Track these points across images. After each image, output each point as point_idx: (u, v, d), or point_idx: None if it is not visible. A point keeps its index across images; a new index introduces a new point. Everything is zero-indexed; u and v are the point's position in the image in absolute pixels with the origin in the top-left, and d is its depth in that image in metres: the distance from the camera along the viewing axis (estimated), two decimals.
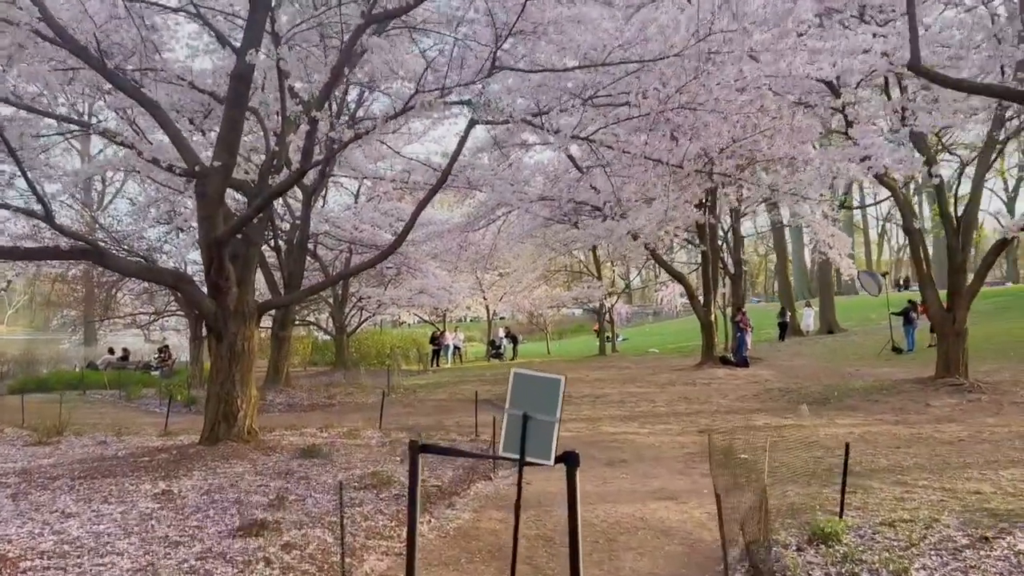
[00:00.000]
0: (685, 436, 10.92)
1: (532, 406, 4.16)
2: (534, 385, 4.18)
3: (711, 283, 21.55)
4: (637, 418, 13.09)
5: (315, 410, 15.65)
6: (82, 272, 22.75)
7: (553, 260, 36.04)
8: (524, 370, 4.24)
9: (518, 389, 4.19)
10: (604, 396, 16.21)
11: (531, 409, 4.15)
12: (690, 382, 18.28)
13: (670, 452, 9.54)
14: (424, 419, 13.72)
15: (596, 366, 25.02)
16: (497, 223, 22.92)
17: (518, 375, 4.20)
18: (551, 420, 4.14)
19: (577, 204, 21.97)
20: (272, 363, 17.98)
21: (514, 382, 4.21)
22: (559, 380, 4.17)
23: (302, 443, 9.28)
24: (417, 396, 17.76)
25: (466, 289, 33.93)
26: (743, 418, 12.72)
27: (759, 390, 16.35)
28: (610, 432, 11.33)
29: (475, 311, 42.05)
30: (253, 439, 9.18)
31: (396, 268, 28.33)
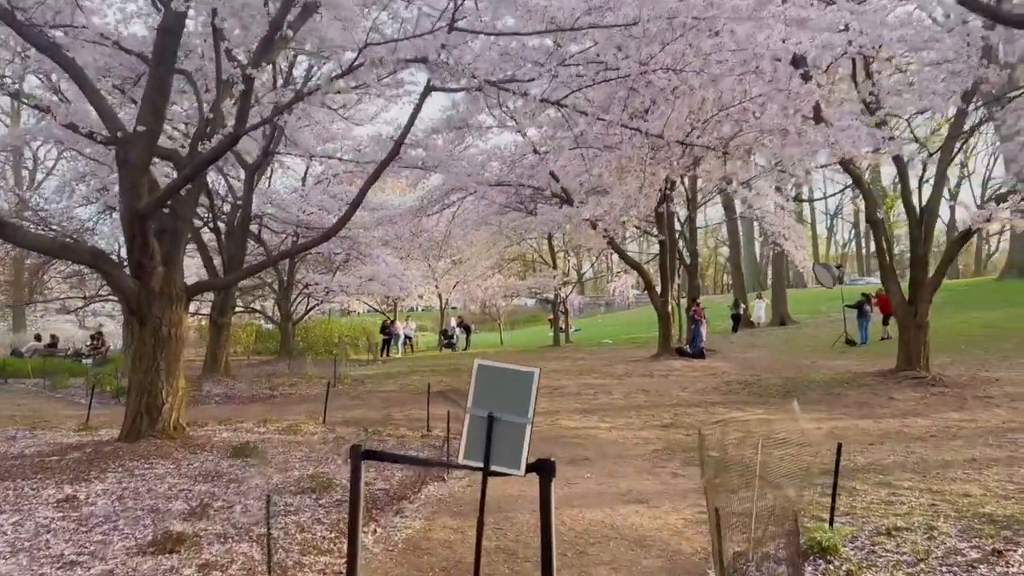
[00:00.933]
0: (648, 431, 10.37)
1: (499, 405, 3.46)
2: (502, 379, 3.47)
3: (669, 273, 21.13)
4: (596, 411, 12.52)
5: (255, 402, 14.71)
6: (5, 253, 21.21)
7: (508, 249, 35.42)
8: (490, 361, 3.53)
9: (483, 384, 3.49)
10: (561, 388, 15.62)
11: (498, 408, 3.45)
12: (647, 373, 17.83)
13: (635, 449, 8.96)
14: (372, 412, 12.93)
15: (551, 357, 24.46)
16: (451, 209, 22.13)
17: (483, 368, 3.50)
18: (522, 421, 3.44)
19: (535, 191, 21.32)
20: (210, 351, 16.93)
21: (478, 376, 3.51)
22: (532, 373, 3.48)
23: (236, 440, 8.44)
24: (365, 387, 16.93)
25: (418, 277, 33.05)
26: (705, 412, 12.25)
27: (718, 382, 15.95)
28: (570, 427, 10.72)
29: (427, 300, 41.18)
30: (180, 435, 8.30)
31: (345, 254, 27.29)
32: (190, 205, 8.43)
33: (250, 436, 8.81)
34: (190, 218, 8.44)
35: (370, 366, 24.83)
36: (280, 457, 7.57)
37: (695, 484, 7.20)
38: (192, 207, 8.55)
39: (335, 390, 16.21)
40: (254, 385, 16.15)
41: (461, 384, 16.88)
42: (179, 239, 8.46)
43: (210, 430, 9.20)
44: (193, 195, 8.49)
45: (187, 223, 8.50)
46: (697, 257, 26.58)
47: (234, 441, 8.28)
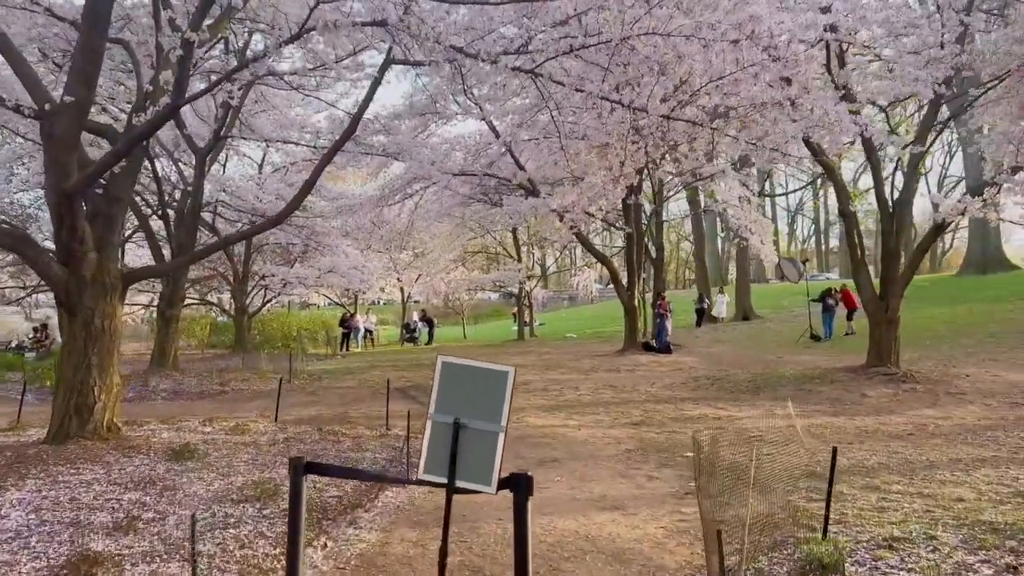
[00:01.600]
0: (619, 429, 9.92)
1: (467, 409, 2.92)
2: (470, 380, 2.94)
3: (635, 266, 20.76)
4: (563, 408, 12.05)
5: (204, 398, 13.96)
6: None
7: (471, 241, 34.82)
8: (456, 358, 3.00)
9: (448, 385, 2.95)
10: (526, 384, 15.13)
11: (466, 413, 2.92)
12: (614, 368, 17.44)
13: (606, 449, 8.49)
14: (328, 410, 12.30)
15: (516, 351, 23.97)
16: (413, 199, 21.47)
17: (448, 366, 2.96)
18: (494, 430, 2.91)
19: (500, 181, 20.77)
20: (158, 345, 16.08)
21: (442, 376, 2.97)
22: (506, 373, 2.95)
23: (176, 441, 7.77)
24: (322, 383, 16.25)
25: (380, 269, 32.29)
26: (675, 408, 11.86)
27: (686, 378, 15.61)
28: (537, 425, 10.22)
29: (389, 293, 40.40)
30: (114, 436, 7.60)
31: (303, 244, 26.47)
32: (125, 185, 7.72)
33: (193, 436, 8.14)
34: (127, 200, 7.72)
35: (328, 361, 24.09)
36: (224, 460, 6.93)
37: (672, 488, 6.77)
38: (129, 188, 7.82)
39: (290, 386, 15.52)
40: (204, 380, 15.36)
41: (423, 380, 16.29)
42: (114, 223, 7.74)
43: (150, 430, 8.51)
44: (130, 175, 7.78)
45: (123, 205, 7.77)
46: (663, 251, 26.31)
47: (175, 442, 7.61)
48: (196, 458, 6.87)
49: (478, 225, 30.51)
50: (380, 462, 7.36)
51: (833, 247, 69.64)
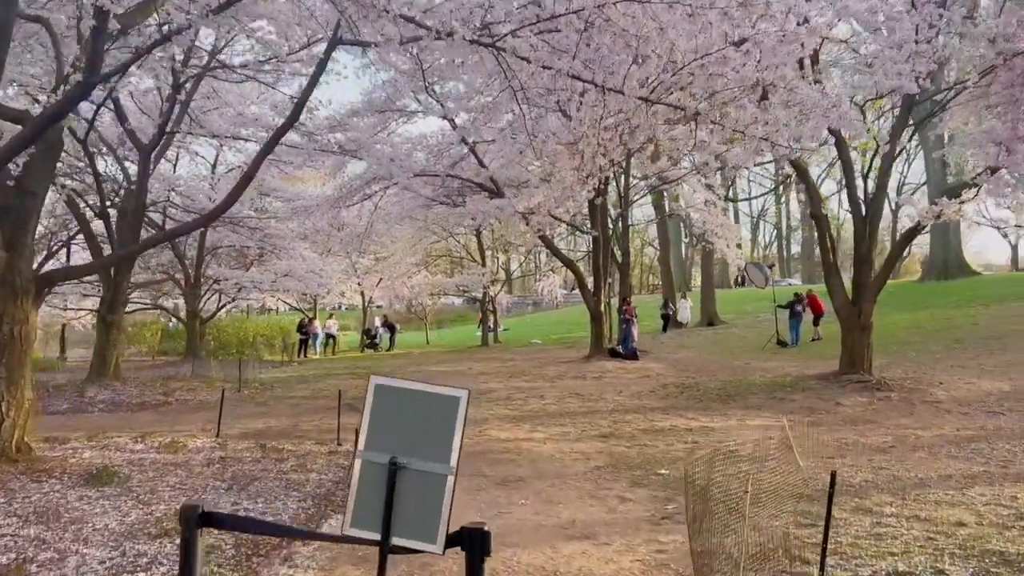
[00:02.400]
0: (587, 442, 9.33)
1: (407, 445, 2.28)
2: (412, 407, 2.29)
3: (602, 271, 20.26)
4: (528, 419, 11.44)
5: (145, 410, 13.07)
6: None
7: (434, 245, 34.10)
8: (393, 380, 2.35)
9: (382, 414, 2.30)
10: (489, 392, 14.50)
11: (405, 451, 2.28)
12: (580, 376, 16.90)
13: (574, 466, 7.89)
14: (277, 422, 11.53)
15: (479, 358, 23.33)
16: (373, 199, 20.72)
17: (384, 390, 2.31)
18: (441, 472, 2.28)
19: (463, 182, 20.13)
20: (98, 352, 15.10)
21: (376, 402, 2.32)
22: (458, 398, 2.31)
23: (98, 461, 6.97)
24: (274, 393, 15.43)
25: (339, 273, 31.41)
26: (645, 419, 11.33)
27: (654, 385, 15.13)
28: (500, 438, 9.59)
29: (350, 298, 39.46)
30: (24, 457, 6.78)
31: (258, 247, 25.54)
32: (42, 178, 6.91)
33: (118, 456, 7.35)
34: (41, 193, 6.91)
35: (284, 368, 23.21)
36: (147, 485, 6.17)
37: (646, 511, 6.19)
38: (44, 181, 7.01)
39: (239, 396, 14.70)
40: (147, 390, 14.45)
41: None
42: (26, 219, 6.92)
43: (70, 448, 7.68)
44: (46, 166, 6.98)
45: (38, 200, 6.95)
46: (629, 256, 25.90)
47: (95, 463, 6.82)
48: (116, 482, 6.10)
49: (441, 228, 29.84)
50: (326, 484, 6.65)
51: (795, 253, 70.21)
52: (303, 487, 6.44)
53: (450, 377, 17.35)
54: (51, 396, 13.48)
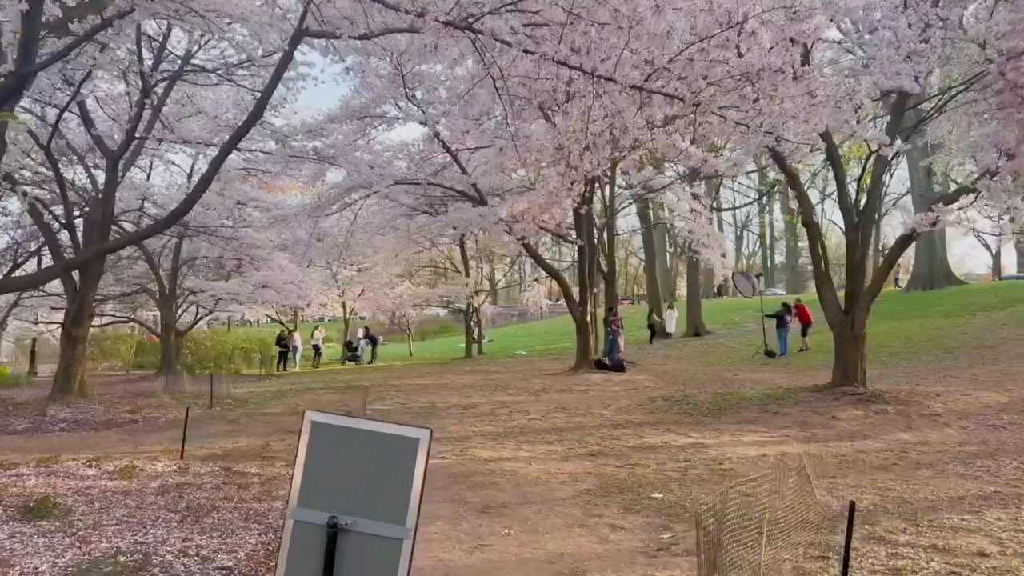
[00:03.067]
0: (574, 462, 8.83)
1: (352, 501, 1.77)
2: (360, 451, 1.79)
3: (588, 281, 19.82)
4: (513, 436, 10.93)
5: (110, 428, 12.43)
6: None
7: (417, 255, 33.53)
8: (334, 417, 1.84)
9: (321, 459, 1.80)
10: (473, 407, 13.98)
11: (349, 508, 1.77)
12: (566, 388, 16.41)
13: (562, 489, 7.38)
14: (247, 441, 10.94)
15: (463, 370, 22.79)
16: (353, 208, 20.18)
17: (321, 428, 1.81)
18: (395, 535, 1.77)
19: (445, 191, 19.65)
20: (62, 368, 14.41)
21: (312, 444, 1.81)
22: (418, 440, 1.81)
23: (42, 490, 6.38)
24: (248, 409, 14.82)
25: (319, 284, 30.82)
26: (634, 435, 10.85)
27: (642, 398, 14.68)
28: (483, 458, 9.07)
29: (332, 309, 38.80)
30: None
31: (235, 258, 24.89)
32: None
33: (66, 484, 6.75)
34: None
35: (261, 382, 22.57)
36: (91, 518, 5.59)
37: (640, 541, 5.69)
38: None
39: (210, 413, 14.09)
40: (113, 407, 13.78)
41: (359, 403, 15.00)
42: None
43: (15, 475, 7.06)
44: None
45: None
46: (615, 265, 25.50)
47: (38, 492, 6.23)
48: (55, 515, 5.52)
49: (424, 238, 29.34)
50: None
51: (779, 263, 70.20)
52: (265, 517, 5.89)
53: (432, 391, 16.81)
54: (11, 414, 12.82)
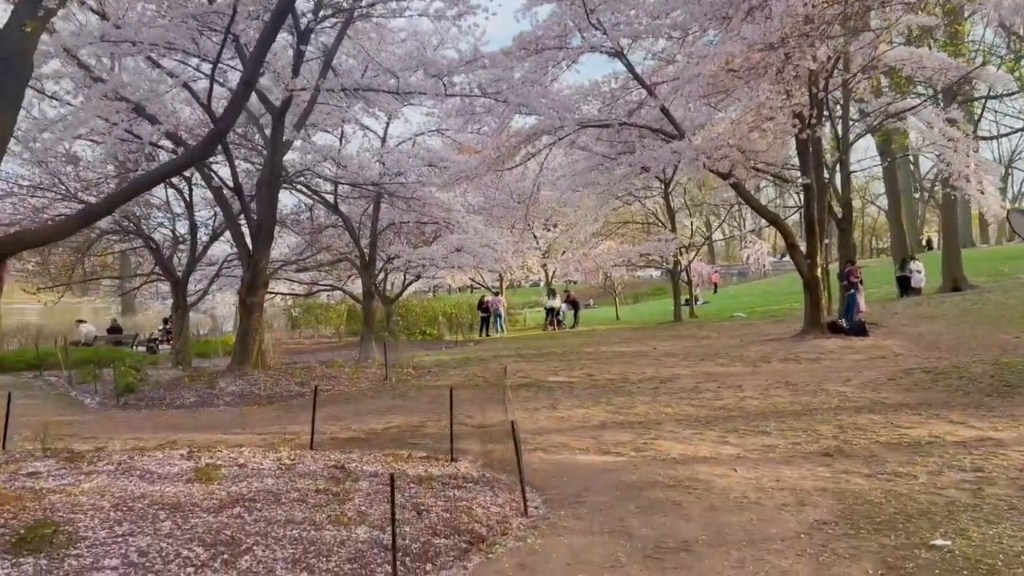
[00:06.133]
0: (800, 467, 6.26)
1: None
2: None
3: (818, 227, 16.42)
4: (717, 421, 8.48)
5: (273, 403, 11.62)
6: None
7: (617, 211, 31.24)
8: None
9: None
10: (672, 381, 11.62)
11: None
12: (791, 358, 13.47)
13: (779, 520, 4.92)
14: (403, 419, 9.48)
15: (668, 335, 20.27)
16: (538, 159, 18.29)
17: None
18: None
19: (639, 131, 17.13)
20: (239, 338, 14.02)
21: None
22: None
23: (63, 504, 4.98)
24: (425, 379, 13.54)
25: (517, 247, 29.53)
26: (887, 423, 7.99)
27: (893, 370, 11.47)
28: (671, 457, 6.77)
29: (536, 273, 37.62)
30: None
31: (434, 222, 24.13)
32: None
33: (121, 487, 5.42)
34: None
35: (455, 349, 21.58)
36: (91, 553, 3.99)
37: None
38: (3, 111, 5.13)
39: (381, 386, 12.96)
40: (283, 380, 13.06)
41: (543, 374, 13.18)
42: None
43: (56, 475, 5.82)
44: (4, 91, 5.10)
45: None
46: (851, 209, 21.48)
47: (60, 506, 4.83)
48: (48, 549, 4.04)
49: (625, 192, 26.93)
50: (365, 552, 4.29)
51: None
52: (327, 556, 4.11)
53: (628, 360, 14.59)
54: (185, 387, 12.47)
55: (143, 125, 12.32)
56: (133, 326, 32.92)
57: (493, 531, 4.75)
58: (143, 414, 11.10)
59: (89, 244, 18.58)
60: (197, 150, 5.12)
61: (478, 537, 4.60)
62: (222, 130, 5.12)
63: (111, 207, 5.29)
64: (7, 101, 4.98)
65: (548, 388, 11.54)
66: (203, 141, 5.17)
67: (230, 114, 5.02)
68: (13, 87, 5.01)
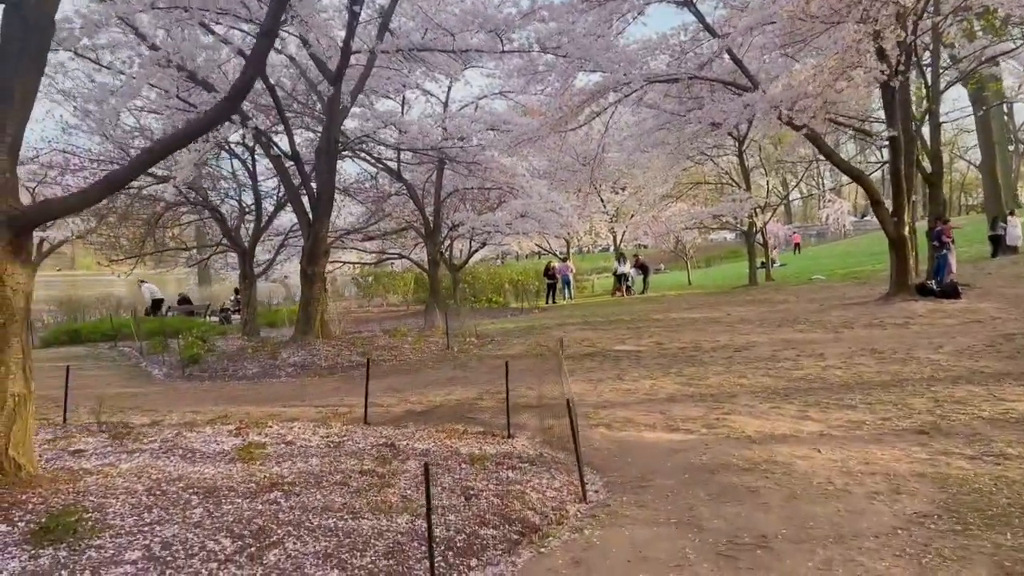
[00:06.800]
0: (893, 446, 5.63)
1: None
2: None
3: (905, 182, 15.27)
4: (798, 394, 7.85)
5: (334, 373, 11.48)
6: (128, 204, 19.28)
7: (688, 171, 30.13)
8: None
9: None
10: (747, 349, 10.95)
11: None
12: (877, 322, 12.57)
13: (871, 511, 4.34)
14: (462, 391, 9.14)
15: (743, 300, 19.41)
16: (604, 118, 17.53)
17: None
18: None
19: (710, 85, 16.21)
20: (302, 308, 13.93)
21: None
22: None
23: (98, 487, 4.78)
24: (485, 349, 13.19)
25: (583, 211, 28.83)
26: (988, 393, 7.23)
27: (991, 335, 10.52)
28: (746, 435, 6.21)
29: (604, 237, 36.82)
30: (8, 481, 4.67)
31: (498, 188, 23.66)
32: (23, 71, 4.75)
33: (154, 467, 5.18)
34: (23, 95, 4.74)
35: (519, 317, 21.20)
36: (114, 543, 3.74)
37: None
38: (28, 75, 4.83)
39: (442, 355, 12.68)
40: (346, 349, 12.91)
41: (608, 342, 12.66)
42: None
43: (101, 454, 5.65)
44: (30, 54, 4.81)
45: (16, 108, 4.80)
46: (941, 162, 20.00)
47: (94, 488, 4.64)
48: (72, 538, 3.80)
49: (696, 151, 25.87)
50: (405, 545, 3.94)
51: None
52: (363, 549, 3.77)
53: (700, 327, 13.93)
54: (248, 358, 12.45)
55: (201, 95, 12.19)
56: (209, 296, 33.73)
57: (547, 520, 4.33)
58: (206, 385, 11.10)
59: (158, 217, 18.83)
60: (219, 108, 4.77)
61: (530, 527, 4.19)
62: (242, 87, 4.74)
63: (135, 172, 5.01)
64: (29, 63, 4.72)
65: (614, 357, 11.04)
66: (224, 98, 4.82)
67: (250, 68, 4.66)
68: (35, 48, 4.75)
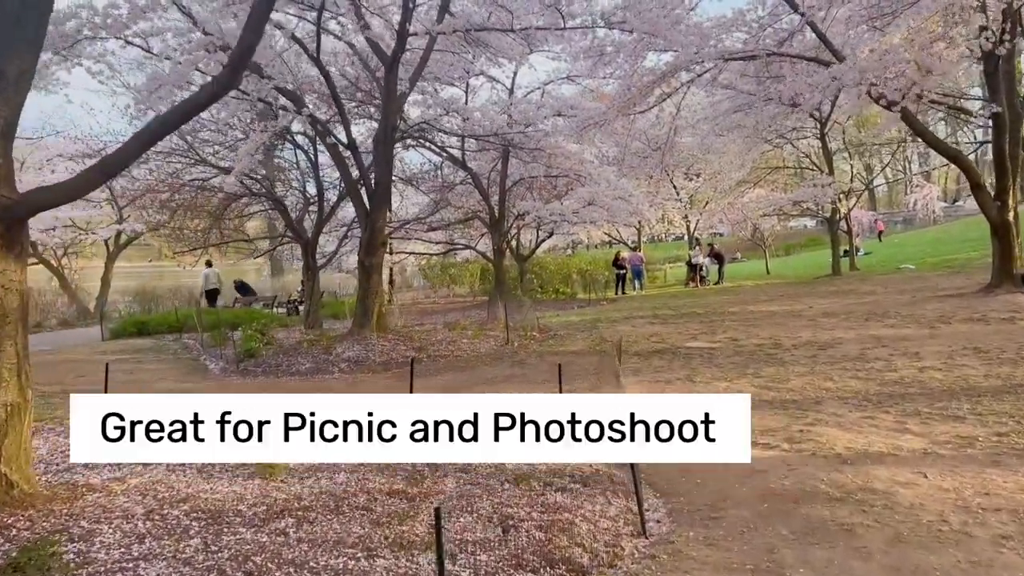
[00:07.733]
0: (1014, 471, 4.74)
1: None
2: None
3: (1010, 163, 13.86)
4: (892, 400, 6.94)
5: (388, 369, 11.02)
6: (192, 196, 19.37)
7: (767, 155, 28.67)
8: None
9: None
10: (832, 346, 9.98)
11: None
12: (978, 317, 11.36)
13: (998, 561, 3.52)
14: (519, 391, 8.50)
15: (826, 291, 18.18)
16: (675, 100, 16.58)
17: None
18: None
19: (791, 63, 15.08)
20: (360, 301, 13.54)
21: None
22: None
23: (96, 507, 4.32)
24: (546, 345, 12.54)
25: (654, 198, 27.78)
26: None
27: None
28: (835, 452, 5.39)
29: (678, 226, 35.57)
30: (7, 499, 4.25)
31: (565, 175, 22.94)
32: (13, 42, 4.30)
33: (159, 487, 4.72)
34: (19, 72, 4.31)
35: (587, 309, 20.44)
36: (99, 568, 3.36)
37: None
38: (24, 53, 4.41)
39: (501, 351, 12.09)
40: (401, 344, 12.47)
41: (679, 338, 11.84)
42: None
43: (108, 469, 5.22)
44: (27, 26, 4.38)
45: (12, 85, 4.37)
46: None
47: (89, 510, 4.17)
48: (50, 570, 3.34)
49: (776, 134, 24.49)
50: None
51: None
52: None
53: (779, 321, 12.94)
54: (303, 353, 12.13)
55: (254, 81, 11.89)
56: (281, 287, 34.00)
57: (598, 560, 3.66)
58: (258, 381, 10.81)
59: (224, 208, 18.83)
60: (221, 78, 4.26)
61: (577, 570, 3.54)
62: (240, 55, 4.23)
63: (127, 157, 4.54)
64: (26, 37, 4.31)
65: (685, 355, 10.23)
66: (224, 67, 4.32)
67: (250, 30, 4.14)
68: (32, 23, 4.33)
